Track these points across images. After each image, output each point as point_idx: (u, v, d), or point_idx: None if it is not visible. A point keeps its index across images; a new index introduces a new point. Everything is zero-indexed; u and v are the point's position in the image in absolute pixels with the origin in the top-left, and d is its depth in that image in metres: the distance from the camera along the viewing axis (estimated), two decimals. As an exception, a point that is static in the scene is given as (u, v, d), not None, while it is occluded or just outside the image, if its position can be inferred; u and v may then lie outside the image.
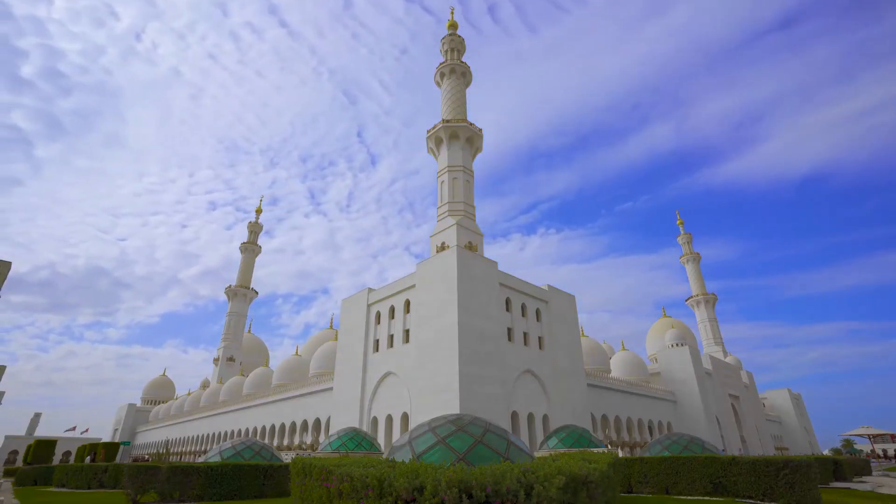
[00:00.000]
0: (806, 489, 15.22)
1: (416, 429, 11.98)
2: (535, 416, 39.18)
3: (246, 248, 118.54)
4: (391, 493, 6.15)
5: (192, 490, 16.88)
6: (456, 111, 56.87)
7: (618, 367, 68.02)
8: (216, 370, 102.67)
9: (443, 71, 59.98)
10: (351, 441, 27.70)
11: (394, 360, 40.19)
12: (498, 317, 38.39)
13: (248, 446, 21.99)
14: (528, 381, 39.83)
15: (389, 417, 38.95)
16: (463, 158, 52.59)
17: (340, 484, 7.34)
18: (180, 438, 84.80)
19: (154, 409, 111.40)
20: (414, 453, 10.52)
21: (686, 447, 21.18)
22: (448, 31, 63.27)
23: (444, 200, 50.79)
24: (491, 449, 10.39)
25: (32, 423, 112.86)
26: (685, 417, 63.07)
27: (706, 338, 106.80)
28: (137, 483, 17.27)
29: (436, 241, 48.35)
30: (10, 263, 20.71)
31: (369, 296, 45.73)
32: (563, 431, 27.72)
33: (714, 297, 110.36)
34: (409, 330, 40.19)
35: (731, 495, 16.66)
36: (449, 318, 35.01)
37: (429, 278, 38.69)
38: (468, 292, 36.20)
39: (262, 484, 18.25)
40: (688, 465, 17.92)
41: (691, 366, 64.89)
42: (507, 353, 38.25)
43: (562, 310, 47.03)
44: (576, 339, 47.91)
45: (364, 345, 44.01)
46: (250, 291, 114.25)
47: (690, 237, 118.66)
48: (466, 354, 33.76)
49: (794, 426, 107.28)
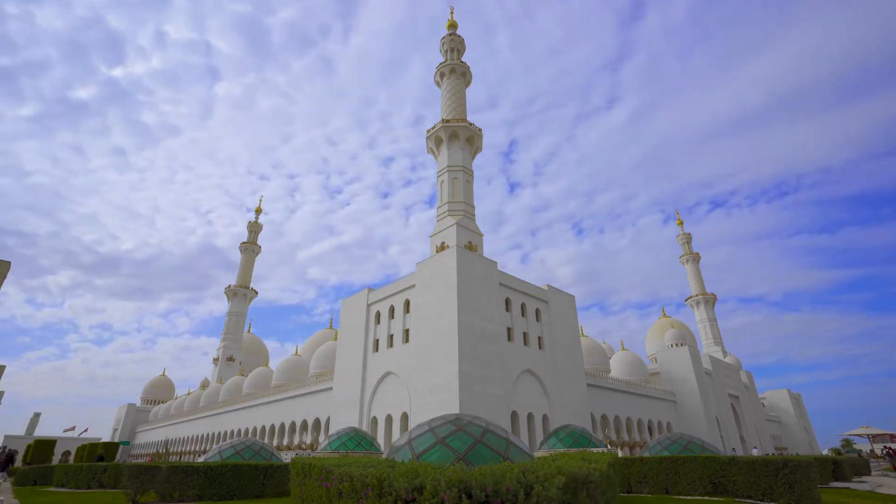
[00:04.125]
0: (805, 489, 15.21)
1: (416, 429, 11.98)
2: (535, 416, 39.18)
3: (246, 247, 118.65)
4: (391, 493, 6.15)
5: (192, 490, 16.87)
6: (456, 111, 56.90)
7: (618, 367, 68.03)
8: (216, 370, 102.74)
9: (442, 71, 60.02)
10: (351, 441, 27.69)
11: (394, 360, 40.18)
12: (498, 317, 38.38)
13: (247, 446, 21.96)
14: (527, 381, 39.83)
15: (389, 417, 38.95)
16: (463, 158, 52.64)
17: (340, 484, 7.34)
18: (180, 438, 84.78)
19: (154, 408, 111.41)
20: (414, 453, 10.51)
21: (686, 447, 21.16)
22: (448, 31, 63.29)
23: (443, 200, 50.83)
24: (491, 449, 10.38)
25: (32, 423, 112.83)
26: (685, 417, 63.09)
27: (706, 338, 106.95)
28: (137, 483, 17.25)
29: (435, 241, 48.38)
30: (9, 263, 20.67)
31: (369, 296, 45.73)
32: (563, 431, 27.70)
33: (714, 296, 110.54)
34: (408, 330, 40.18)
35: (730, 495, 16.67)
36: (449, 318, 35.01)
37: (428, 278, 38.69)
38: (468, 292, 36.20)
39: (262, 484, 18.24)
40: (687, 465, 17.92)
41: (691, 366, 64.92)
42: (507, 353, 38.25)
43: (562, 310, 47.04)
44: (576, 339, 47.92)
45: (364, 345, 44.01)
46: (250, 291, 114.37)
47: (690, 237, 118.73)
48: (466, 354, 33.76)
49: (794, 426, 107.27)
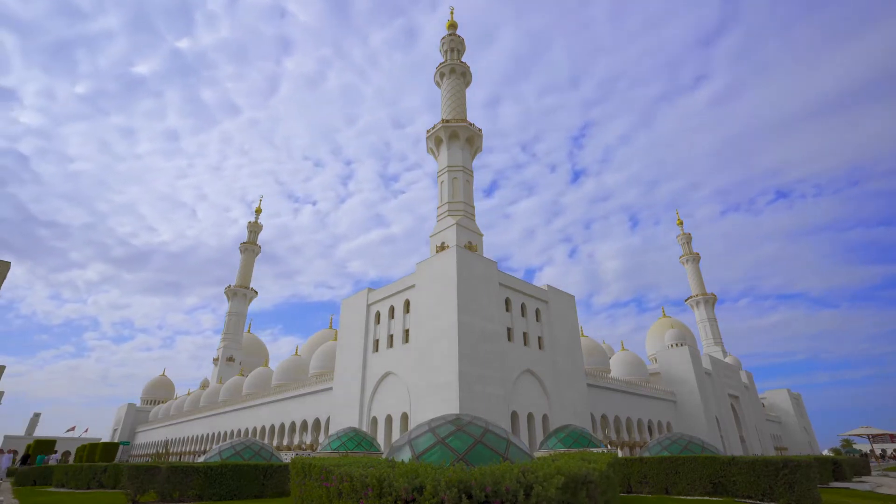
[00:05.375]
0: (805, 489, 15.20)
1: (416, 429, 11.98)
2: (535, 416, 39.18)
3: (246, 248, 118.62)
4: (391, 493, 6.15)
5: (192, 490, 16.86)
6: (456, 111, 56.89)
7: (617, 367, 68.02)
8: (216, 370, 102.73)
9: (442, 71, 60.02)
10: (351, 441, 27.68)
11: (394, 360, 40.18)
12: (498, 317, 38.38)
13: (247, 446, 21.96)
14: (527, 381, 39.83)
15: (389, 417, 38.95)
16: (462, 158, 52.65)
17: (340, 484, 7.34)
18: (180, 438, 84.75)
19: (154, 409, 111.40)
20: (414, 453, 10.51)
21: (686, 447, 21.16)
22: (448, 31, 63.28)
23: (443, 200, 50.83)
24: (490, 449, 10.38)
25: (32, 423, 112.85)
26: (685, 417, 63.09)
27: (706, 338, 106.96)
28: (137, 483, 17.24)
29: (435, 241, 48.38)
30: (9, 264, 20.66)
31: (369, 296, 45.72)
32: (563, 431, 27.70)
33: (713, 296, 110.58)
34: (408, 330, 40.18)
35: (730, 495, 16.66)
36: (448, 318, 35.01)
37: (428, 278, 38.69)
38: (468, 292, 36.20)
39: (262, 484, 18.23)
40: (687, 465, 17.91)
41: (691, 366, 64.92)
42: (507, 353, 38.24)
43: (562, 310, 47.04)
44: (576, 339, 47.92)
45: (364, 345, 44.01)
46: (250, 291, 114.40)
47: (690, 237, 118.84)
48: (466, 354, 33.76)
49: (794, 426, 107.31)
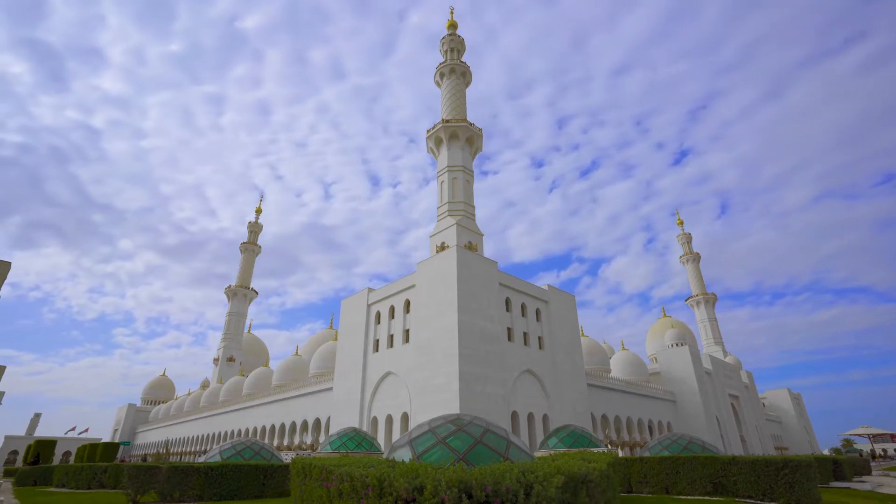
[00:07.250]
0: (806, 489, 15.21)
1: (416, 429, 11.98)
2: (535, 415, 39.18)
3: (246, 247, 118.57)
4: (391, 493, 6.15)
5: (192, 490, 16.89)
6: (456, 111, 56.88)
7: (618, 367, 68.00)
8: (216, 370, 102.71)
9: (442, 71, 60.00)
10: (351, 441, 27.70)
11: (394, 360, 40.18)
12: (498, 317, 38.37)
13: (248, 446, 21.98)
14: (527, 380, 39.83)
15: (389, 417, 38.95)
16: (463, 158, 52.63)
17: (340, 484, 7.35)
18: (180, 438, 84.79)
19: (154, 409, 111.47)
20: (414, 453, 10.52)
21: (686, 447, 21.19)
22: (448, 31, 63.27)
23: (443, 200, 50.82)
24: (491, 449, 10.38)
25: (32, 424, 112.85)
26: (685, 417, 63.07)
27: (706, 338, 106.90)
28: (137, 483, 17.26)
29: (436, 241, 48.37)
30: (9, 264, 20.66)
31: (369, 296, 45.72)
32: (563, 431, 27.71)
33: (714, 296, 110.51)
34: (409, 330, 40.18)
35: (730, 495, 16.66)
36: (449, 318, 35.01)
37: (429, 278, 38.68)
38: (468, 292, 36.20)
39: (262, 484, 18.25)
40: (687, 464, 17.93)
41: (691, 366, 64.89)
42: (507, 353, 38.24)
43: (562, 310, 47.03)
44: (576, 339, 47.91)
45: (364, 345, 44.01)
46: (250, 291, 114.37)
47: (690, 237, 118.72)
48: (466, 354, 33.76)
49: (794, 426, 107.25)
